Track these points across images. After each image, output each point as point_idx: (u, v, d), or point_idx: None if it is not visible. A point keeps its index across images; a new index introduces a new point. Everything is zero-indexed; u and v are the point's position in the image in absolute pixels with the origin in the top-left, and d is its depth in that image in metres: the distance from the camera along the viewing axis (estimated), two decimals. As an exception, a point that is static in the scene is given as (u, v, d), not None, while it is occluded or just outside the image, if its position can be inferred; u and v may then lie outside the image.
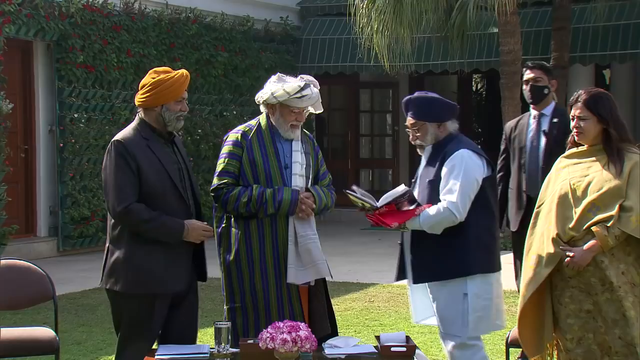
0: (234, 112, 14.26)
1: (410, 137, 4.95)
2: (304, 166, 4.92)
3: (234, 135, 4.95)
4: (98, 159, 11.97)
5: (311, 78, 5.01)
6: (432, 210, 4.70)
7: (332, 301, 5.15)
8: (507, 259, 11.13)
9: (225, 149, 4.92)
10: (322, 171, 5.09)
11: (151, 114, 4.66)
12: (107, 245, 4.67)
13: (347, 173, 16.71)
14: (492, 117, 16.42)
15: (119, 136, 4.62)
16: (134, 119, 4.76)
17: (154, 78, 4.63)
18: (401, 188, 4.76)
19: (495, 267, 4.88)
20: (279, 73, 5.05)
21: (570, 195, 4.43)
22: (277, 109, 4.92)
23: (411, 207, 4.73)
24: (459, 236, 4.73)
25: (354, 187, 4.82)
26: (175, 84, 4.61)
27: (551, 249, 4.43)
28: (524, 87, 6.24)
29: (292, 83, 4.89)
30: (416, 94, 5.00)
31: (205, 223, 4.73)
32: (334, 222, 14.30)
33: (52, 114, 11.79)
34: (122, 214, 4.50)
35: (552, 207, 4.47)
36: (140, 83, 4.70)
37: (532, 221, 4.60)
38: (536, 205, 4.62)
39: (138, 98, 4.68)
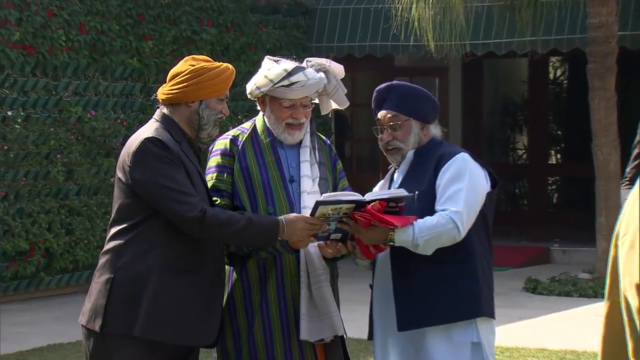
0: (225, 109, 14.28)
1: (384, 136, 4.95)
2: (316, 181, 4.93)
3: (221, 142, 4.99)
4: (40, 172, 11.98)
5: (323, 61, 5.04)
6: (430, 219, 4.72)
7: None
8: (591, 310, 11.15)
9: (212, 161, 4.96)
10: (342, 187, 5.07)
11: (183, 111, 4.79)
12: (108, 276, 4.66)
13: (378, 191, 16.71)
14: (576, 115, 16.37)
15: (147, 134, 4.69)
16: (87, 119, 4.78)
17: (193, 65, 4.79)
18: (402, 191, 4.76)
19: (494, 312, 4.90)
20: (267, 56, 5.05)
21: (661, 224, 4.42)
22: (267, 104, 4.97)
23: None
24: (464, 264, 4.78)
25: (322, 197, 4.70)
26: (222, 74, 4.81)
27: (635, 299, 4.38)
28: None
29: (277, 67, 4.91)
30: (396, 81, 5.02)
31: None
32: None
33: (-22, 111, 11.84)
34: (199, 220, 4.59)
35: (636, 240, 4.41)
36: (171, 72, 4.83)
37: (611, 260, 4.55)
38: (614, 237, 4.57)
39: (167, 90, 4.80)
